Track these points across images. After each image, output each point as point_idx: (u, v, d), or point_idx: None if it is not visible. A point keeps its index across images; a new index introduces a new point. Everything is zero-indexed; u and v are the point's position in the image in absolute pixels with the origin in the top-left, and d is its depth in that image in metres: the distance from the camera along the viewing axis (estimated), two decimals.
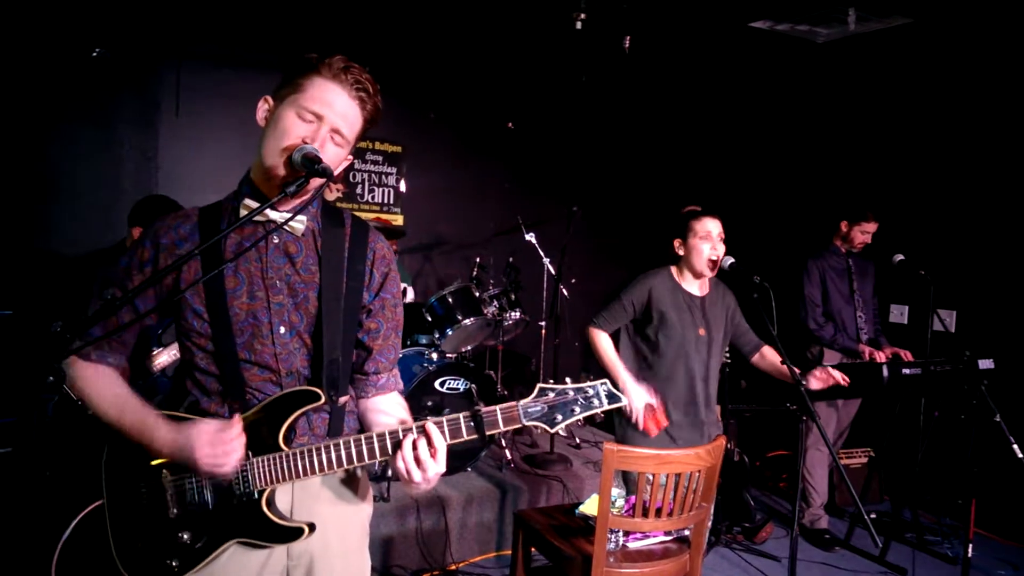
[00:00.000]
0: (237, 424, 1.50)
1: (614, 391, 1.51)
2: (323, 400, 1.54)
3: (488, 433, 1.48)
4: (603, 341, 3.14)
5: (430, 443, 1.47)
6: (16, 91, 4.43)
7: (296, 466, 1.51)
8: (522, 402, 1.48)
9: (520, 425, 1.48)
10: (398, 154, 5.87)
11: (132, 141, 4.90)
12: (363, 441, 1.51)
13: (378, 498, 3.82)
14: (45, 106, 4.54)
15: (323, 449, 1.51)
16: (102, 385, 1.59)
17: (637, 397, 2.86)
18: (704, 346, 3.13)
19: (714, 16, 4.68)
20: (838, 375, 3.10)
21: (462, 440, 1.50)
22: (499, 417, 1.48)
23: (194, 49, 4.97)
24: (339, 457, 1.51)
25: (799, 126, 6.06)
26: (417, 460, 1.46)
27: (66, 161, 4.65)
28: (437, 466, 1.47)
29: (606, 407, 1.51)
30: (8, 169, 4.46)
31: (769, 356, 3.31)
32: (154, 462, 1.56)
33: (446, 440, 1.49)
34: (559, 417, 1.49)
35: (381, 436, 1.51)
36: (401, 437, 1.48)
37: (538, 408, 1.49)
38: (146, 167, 4.95)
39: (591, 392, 1.51)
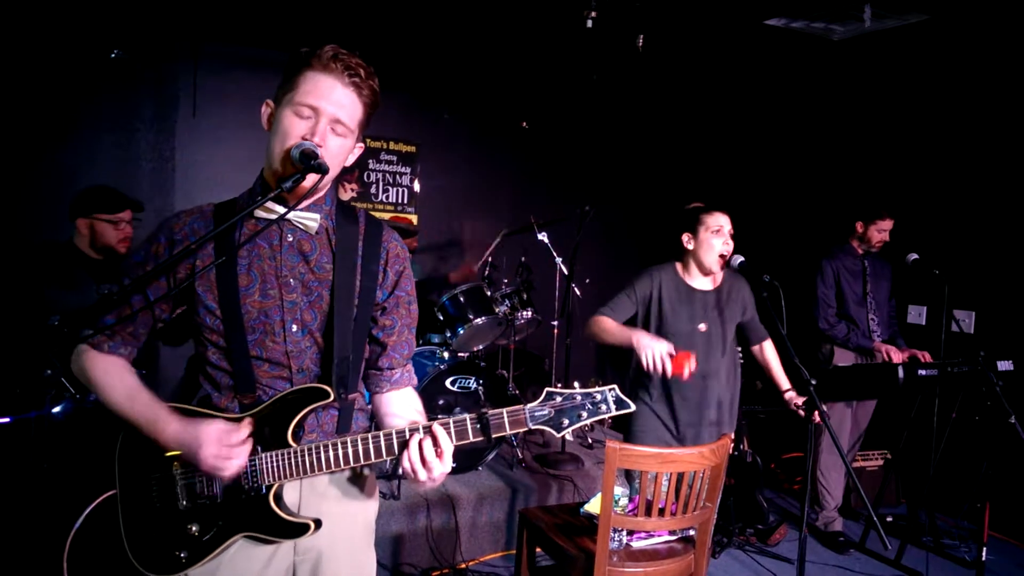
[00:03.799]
0: (246, 428, 1.52)
1: (622, 397, 1.51)
2: (332, 398, 1.56)
3: (494, 436, 1.50)
4: (604, 321, 3.05)
5: (436, 444, 1.49)
6: (35, 92, 4.51)
7: (304, 463, 1.53)
8: (529, 405, 1.50)
9: (526, 428, 1.50)
10: (412, 154, 5.89)
11: (149, 141, 4.97)
12: (370, 440, 1.53)
13: (388, 496, 3.84)
14: (64, 107, 4.62)
15: (331, 446, 1.53)
16: (114, 375, 1.61)
17: (655, 346, 2.76)
18: (705, 342, 3.10)
19: (728, 13, 4.63)
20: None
21: (468, 442, 1.51)
22: (505, 420, 1.50)
23: (210, 50, 5.03)
24: (346, 455, 1.53)
25: (814, 125, 6.00)
26: (423, 460, 1.49)
27: (85, 161, 4.72)
28: (443, 466, 1.50)
29: (614, 412, 1.52)
30: (28, 169, 4.54)
31: (767, 352, 3.33)
32: (167, 454, 1.58)
33: (452, 442, 1.51)
34: (566, 421, 1.50)
35: (388, 436, 1.53)
36: (408, 437, 1.51)
37: (545, 412, 1.50)
38: (163, 167, 5.01)
39: (599, 397, 1.51)
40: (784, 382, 3.27)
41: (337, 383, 1.59)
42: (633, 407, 1.51)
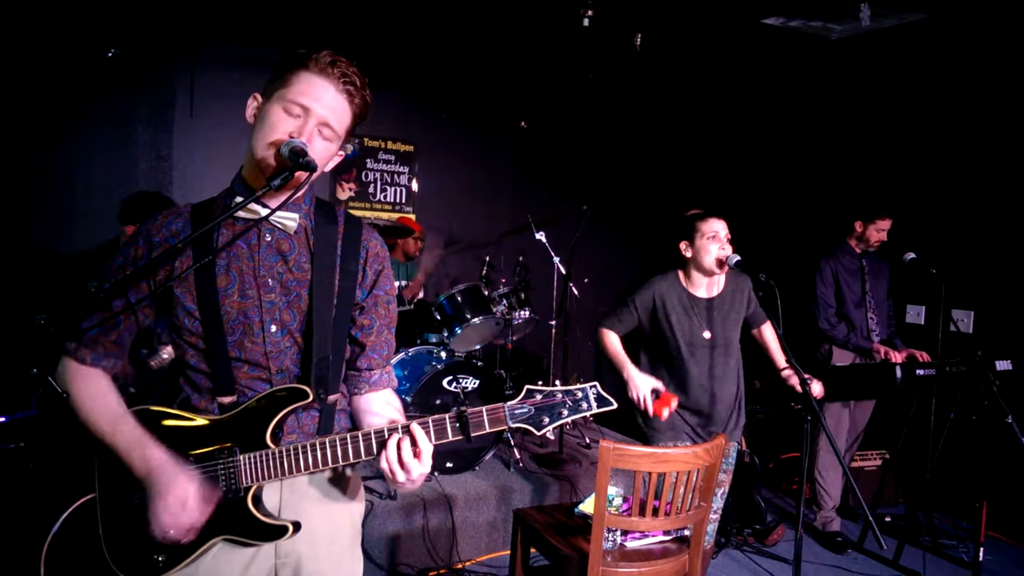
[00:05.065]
0: (208, 507, 1.50)
1: (603, 394, 1.49)
2: (311, 398, 1.54)
3: (474, 434, 1.47)
4: (609, 337, 3.20)
5: (414, 444, 1.46)
6: (33, 91, 4.50)
7: (282, 464, 1.52)
8: (509, 403, 1.48)
9: (506, 427, 1.47)
10: (410, 153, 5.89)
11: (147, 141, 4.97)
12: (348, 440, 1.51)
13: (384, 496, 3.84)
14: (61, 106, 4.62)
15: (309, 448, 1.51)
16: (96, 395, 1.58)
17: (641, 383, 2.95)
18: (710, 348, 3.12)
19: (725, 12, 4.62)
20: (816, 389, 3.05)
21: (447, 441, 1.49)
22: (485, 418, 1.47)
23: (208, 49, 5.03)
24: (324, 456, 1.51)
25: (812, 124, 5.99)
26: (401, 461, 1.46)
27: (82, 161, 4.72)
28: (422, 467, 1.47)
29: (595, 410, 1.49)
30: (24, 169, 4.54)
31: (766, 334, 3.38)
32: None
33: (431, 441, 1.48)
34: (546, 419, 1.48)
35: (367, 435, 1.51)
36: (386, 437, 1.48)
37: (524, 410, 1.48)
38: (160, 166, 5.01)
39: (580, 395, 1.49)
40: (781, 360, 3.30)
41: (316, 383, 1.57)
42: (615, 404, 1.50)
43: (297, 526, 1.56)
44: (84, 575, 2.65)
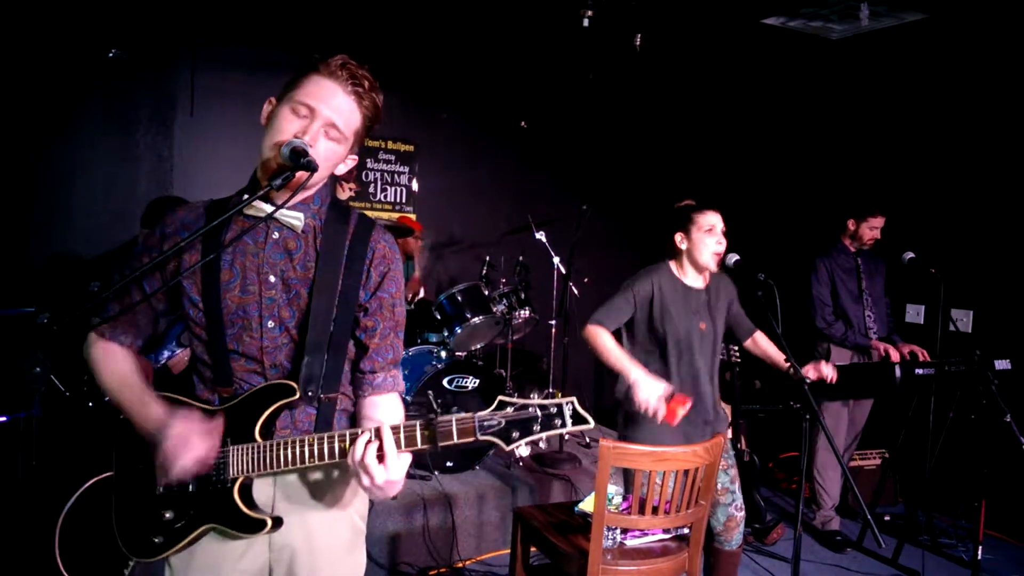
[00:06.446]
0: (217, 423, 1.54)
1: (580, 411, 1.43)
2: (297, 395, 1.56)
3: (441, 444, 1.44)
4: (604, 337, 2.98)
5: (380, 448, 1.43)
6: (33, 91, 4.51)
7: (264, 459, 1.53)
8: (479, 414, 1.44)
9: (475, 439, 1.43)
10: (411, 153, 5.89)
11: (147, 141, 4.96)
12: (325, 439, 1.50)
13: None
14: (62, 106, 4.62)
15: (289, 444, 1.52)
16: (108, 361, 1.68)
17: (649, 390, 2.71)
18: (708, 341, 3.09)
19: (725, 12, 4.64)
20: (827, 371, 3.07)
21: (417, 449, 1.46)
22: (454, 428, 1.44)
23: (208, 50, 5.03)
24: (303, 454, 1.51)
25: (811, 123, 6.00)
26: (363, 463, 1.42)
27: (82, 161, 4.72)
28: (387, 473, 1.42)
29: (570, 427, 1.43)
30: (25, 169, 4.54)
31: (761, 343, 3.32)
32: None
33: (401, 448, 1.45)
34: (516, 434, 1.42)
35: (342, 436, 1.50)
36: (357, 438, 1.47)
37: (495, 422, 1.43)
38: (161, 167, 5.01)
39: (554, 410, 1.43)
40: (781, 358, 3.27)
41: (305, 381, 1.58)
42: (592, 423, 1.44)
43: (277, 521, 1.56)
44: (94, 547, 2.72)
